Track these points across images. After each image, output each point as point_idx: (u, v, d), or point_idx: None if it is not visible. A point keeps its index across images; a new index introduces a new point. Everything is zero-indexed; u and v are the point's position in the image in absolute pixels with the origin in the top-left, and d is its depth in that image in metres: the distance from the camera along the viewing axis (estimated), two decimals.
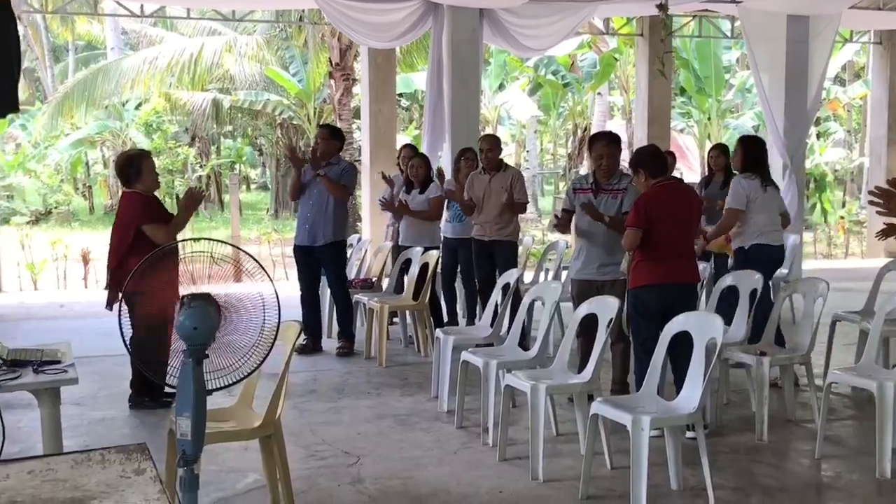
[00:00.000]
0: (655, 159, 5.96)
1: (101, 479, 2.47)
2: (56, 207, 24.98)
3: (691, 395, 4.87)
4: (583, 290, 6.32)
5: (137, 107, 24.78)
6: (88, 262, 14.15)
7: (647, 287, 5.76)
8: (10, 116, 23.99)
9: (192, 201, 6.54)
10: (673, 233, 5.75)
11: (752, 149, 7.36)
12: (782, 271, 9.82)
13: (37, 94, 28.52)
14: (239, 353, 3.52)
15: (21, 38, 13.67)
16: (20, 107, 2.82)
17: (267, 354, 3.53)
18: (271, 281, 3.54)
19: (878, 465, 5.15)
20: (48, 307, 11.14)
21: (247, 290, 3.58)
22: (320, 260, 8.18)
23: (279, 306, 3.62)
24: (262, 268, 3.48)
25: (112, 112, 24.54)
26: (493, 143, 8.34)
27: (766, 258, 7.11)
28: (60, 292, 13.10)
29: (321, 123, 10.86)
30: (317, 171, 7.94)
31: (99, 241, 15.56)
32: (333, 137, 8.28)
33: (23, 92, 27.67)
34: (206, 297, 3.23)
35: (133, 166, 6.46)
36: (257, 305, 3.54)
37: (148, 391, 6.46)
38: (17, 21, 12.39)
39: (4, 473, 2.52)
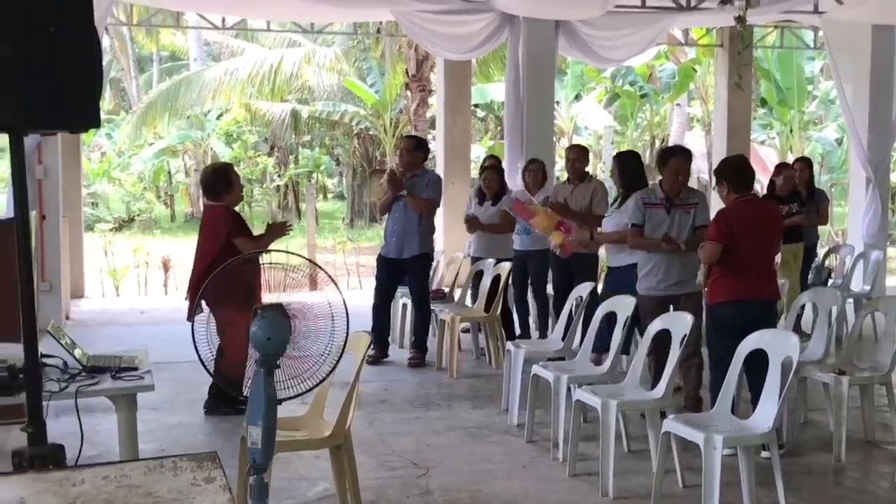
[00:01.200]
0: (741, 173, 5.87)
1: (173, 486, 2.52)
2: (139, 215, 25.56)
3: (766, 413, 4.79)
4: (655, 306, 6.25)
5: (218, 117, 25.24)
6: (169, 269, 14.43)
7: (727, 304, 5.68)
8: None
9: (279, 231, 6.64)
10: (754, 249, 5.66)
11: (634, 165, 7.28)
12: (864, 287, 9.62)
13: (122, 104, 29.25)
14: (309, 361, 3.57)
15: (107, 49, 13.96)
16: (103, 119, 2.90)
17: (336, 364, 3.57)
18: (339, 291, 3.57)
19: None
20: (129, 313, 11.39)
21: (316, 300, 3.63)
22: (406, 272, 8.24)
23: (347, 316, 3.66)
24: (332, 278, 3.51)
25: (194, 122, 25.05)
26: (580, 153, 8.34)
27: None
28: (141, 298, 13.39)
29: (406, 135, 10.91)
30: (399, 193, 8.00)
31: (179, 248, 15.91)
32: (418, 149, 8.36)
33: (109, 102, 28.52)
34: (279, 308, 3.27)
35: (223, 179, 6.56)
36: (326, 314, 3.58)
37: (225, 398, 6.56)
38: (105, 33, 12.60)
39: (80, 478, 2.59)
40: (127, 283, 14.57)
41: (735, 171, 5.89)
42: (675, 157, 6.48)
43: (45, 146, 9.33)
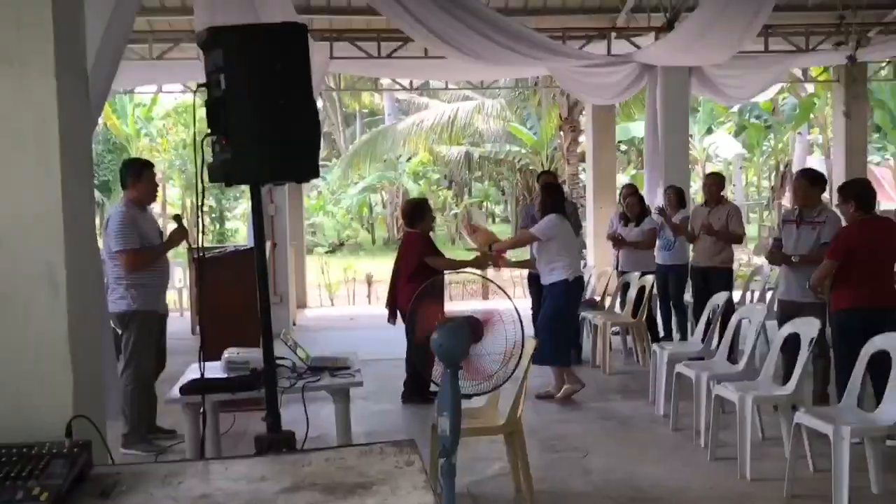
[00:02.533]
0: (866, 194, 5.53)
1: (381, 469, 2.57)
2: (347, 240, 26.44)
3: (891, 407, 4.45)
4: (786, 310, 5.94)
5: (408, 160, 25.83)
6: (372, 284, 14.85)
7: (849, 310, 5.33)
8: None
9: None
10: (873, 262, 5.31)
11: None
12: None
13: (332, 152, 30.36)
14: (494, 362, 3.56)
15: (320, 109, 14.45)
16: (319, 173, 3.01)
17: (517, 365, 3.53)
18: (513, 303, 3.55)
19: None
20: (341, 319, 11.77)
21: (497, 308, 3.63)
22: None
23: (522, 323, 3.64)
24: (508, 296, 3.49)
25: (389, 165, 25.72)
26: (717, 179, 8.11)
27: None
28: (350, 307, 13.81)
29: (546, 170, 10.86)
30: None
31: (380, 266, 16.33)
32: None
33: (322, 150, 29.63)
34: (460, 319, 3.27)
35: (418, 211, 6.75)
36: (508, 320, 3.56)
37: (417, 390, 6.67)
38: (319, 97, 13.09)
39: (308, 460, 2.67)
40: (339, 295, 15.07)
41: (861, 191, 5.55)
42: (796, 180, 6.21)
43: (275, 190, 9.78)
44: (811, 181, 6.02)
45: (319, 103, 25.98)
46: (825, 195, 7.57)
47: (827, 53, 10.73)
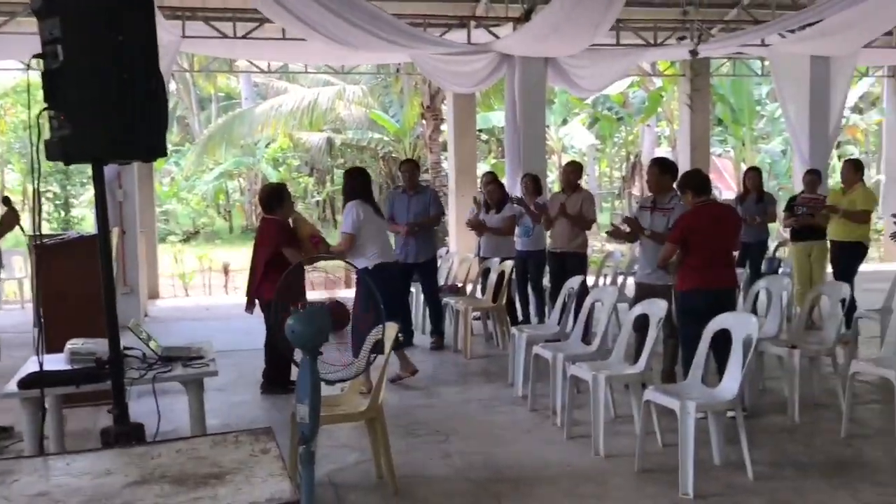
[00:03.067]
0: (699, 182, 5.80)
1: (235, 458, 2.49)
2: (203, 228, 25.59)
3: (731, 382, 4.73)
4: (640, 292, 6.22)
5: (267, 145, 25.24)
6: (228, 273, 14.45)
7: (691, 291, 5.61)
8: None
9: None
10: (713, 245, 5.58)
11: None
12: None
13: (187, 137, 29.27)
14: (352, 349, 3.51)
15: (173, 92, 13.94)
16: (168, 150, 2.86)
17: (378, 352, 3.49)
18: (374, 291, 3.52)
19: None
20: (196, 310, 11.37)
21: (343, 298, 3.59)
22: (418, 273, 8.21)
23: (379, 310, 3.61)
24: (362, 277, 3.45)
25: (246, 150, 25.06)
26: (574, 167, 8.34)
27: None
28: (206, 298, 13.38)
29: (407, 159, 10.85)
30: (411, 232, 7.98)
31: (237, 255, 15.90)
32: (417, 169, 8.40)
33: (176, 135, 28.51)
34: (318, 305, 3.21)
35: (276, 197, 6.51)
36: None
37: (278, 381, 6.52)
38: (171, 79, 12.59)
39: (158, 452, 2.56)
40: (194, 286, 14.59)
41: (694, 180, 5.82)
42: (649, 168, 6.49)
43: (123, 174, 9.31)
44: (661, 169, 6.30)
45: (172, 86, 25.03)
46: None
47: (673, 48, 11.26)
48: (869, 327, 7.27)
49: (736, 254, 8.62)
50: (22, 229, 5.15)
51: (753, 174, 9.51)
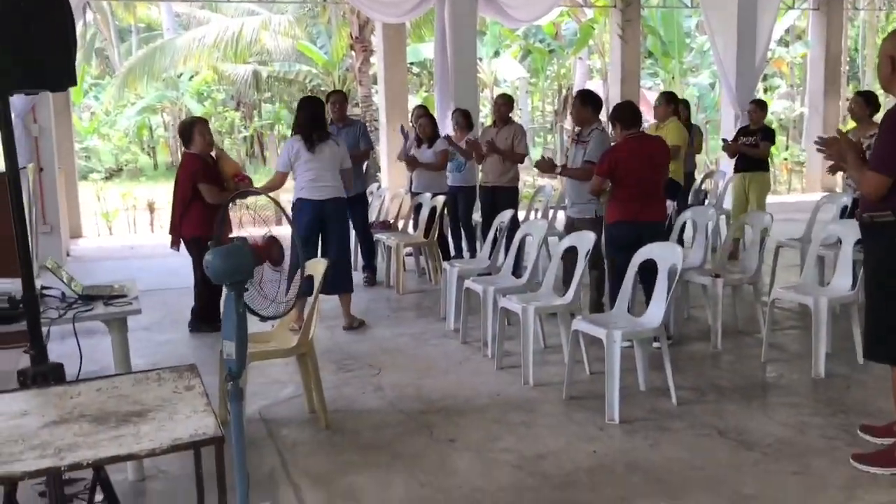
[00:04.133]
0: (628, 114, 5.82)
1: (158, 395, 2.46)
2: (126, 165, 24.81)
3: (656, 311, 4.85)
4: (567, 225, 6.31)
5: (190, 78, 24.44)
6: (153, 211, 14.12)
7: (618, 223, 5.69)
8: (85, 89, 23.75)
9: None
10: (639, 177, 5.63)
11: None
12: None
13: (107, 70, 28.14)
14: (279, 286, 3.45)
15: (91, 22, 13.41)
16: (85, 79, 2.72)
17: (297, 290, 3.44)
18: (293, 227, 3.46)
19: (814, 368, 5.15)
20: (121, 249, 11.10)
21: (282, 234, 3.51)
22: (349, 208, 8.12)
23: (292, 249, 3.54)
24: (287, 216, 3.39)
25: (169, 83, 24.23)
26: (506, 100, 8.30)
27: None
28: (131, 236, 13.07)
29: (335, 90, 10.57)
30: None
31: (162, 192, 15.50)
32: (345, 102, 8.19)
33: (95, 68, 27.41)
34: (239, 240, 3.12)
35: (190, 131, 6.35)
36: (288, 247, 3.46)
37: (206, 318, 6.45)
38: (88, 8, 12.05)
39: (77, 391, 2.51)
40: (118, 224, 14.23)
41: (623, 113, 5.84)
42: (573, 100, 6.50)
43: (38, 108, 8.93)
44: (582, 101, 6.34)
45: (90, 16, 23.95)
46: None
47: None
48: (789, 256, 7.53)
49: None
50: None
51: (681, 107, 9.62)
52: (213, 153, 6.44)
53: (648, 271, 5.03)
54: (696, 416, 4.56)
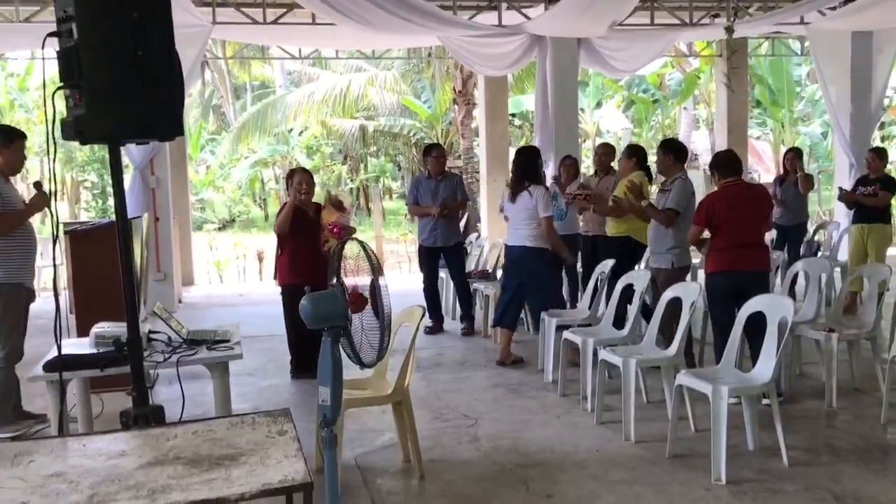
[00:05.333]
0: (726, 163, 5.67)
1: (251, 439, 2.47)
2: (238, 216, 25.77)
3: (766, 367, 4.61)
4: (652, 277, 6.16)
5: (300, 133, 25.31)
6: (262, 260, 14.52)
7: (716, 273, 5.50)
8: (202, 143, 24.89)
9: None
10: (737, 226, 5.44)
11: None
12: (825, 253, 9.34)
13: (223, 126, 29.46)
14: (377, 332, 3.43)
15: (209, 80, 14.02)
16: (207, 139, 2.82)
17: (388, 336, 3.40)
18: (382, 275, 3.39)
19: None
20: (230, 297, 11.44)
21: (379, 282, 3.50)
22: (445, 257, 8.17)
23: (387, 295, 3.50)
24: (374, 264, 3.30)
25: (281, 138, 25.14)
26: (608, 149, 8.26)
27: None
28: (240, 284, 13.46)
29: (434, 143, 10.68)
30: (441, 213, 7.90)
31: (272, 242, 15.97)
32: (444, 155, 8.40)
33: (212, 124, 28.73)
34: (335, 287, 3.14)
35: (287, 180, 6.63)
36: (384, 294, 3.46)
37: (306, 365, 6.53)
38: (206, 67, 12.60)
39: (174, 433, 2.54)
40: (229, 273, 14.69)
41: (720, 161, 5.71)
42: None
43: (156, 160, 9.36)
44: (664, 150, 6.33)
45: (207, 74, 25.19)
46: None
47: (709, 27, 11.03)
48: None
49: (773, 236, 8.49)
50: (52, 214, 5.18)
51: (793, 155, 9.33)
52: (297, 201, 6.42)
53: (756, 325, 4.81)
54: (810, 478, 4.28)
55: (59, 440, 2.62)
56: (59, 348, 3.14)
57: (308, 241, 6.31)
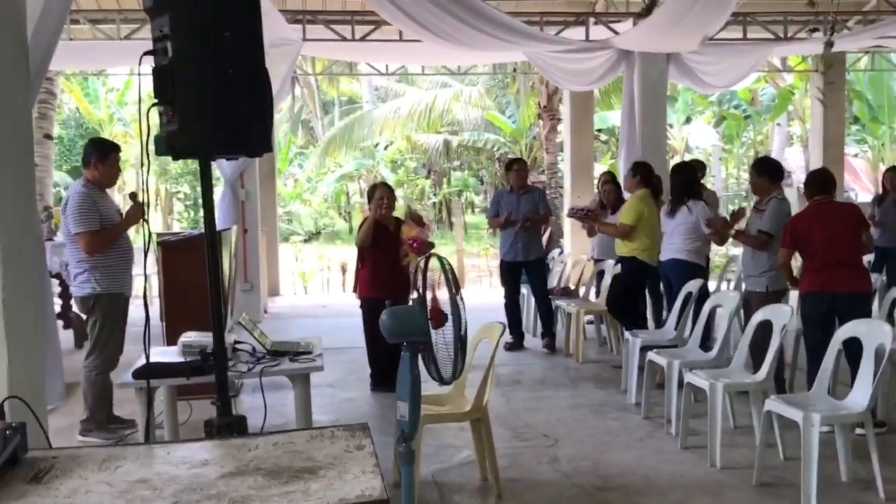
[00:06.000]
0: (816, 180, 5.54)
1: (329, 452, 2.48)
2: (324, 229, 26.24)
3: (861, 394, 4.42)
4: (744, 300, 6.03)
5: (385, 148, 25.65)
6: (346, 272, 14.74)
7: (807, 295, 5.33)
8: (290, 157, 25.47)
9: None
10: (825, 246, 5.26)
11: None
12: None
13: (311, 140, 30.09)
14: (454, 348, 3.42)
15: (298, 96, 14.37)
16: (296, 153, 2.88)
17: (460, 353, 3.38)
18: (456, 290, 3.36)
19: None
20: (314, 308, 11.63)
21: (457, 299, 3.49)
22: (527, 272, 8.13)
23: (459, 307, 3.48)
24: (450, 280, 3.28)
25: (366, 152, 25.53)
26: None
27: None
28: (324, 295, 13.68)
29: (516, 158, 10.72)
30: (523, 226, 7.89)
31: (355, 255, 16.19)
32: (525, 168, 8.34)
33: (300, 138, 29.37)
34: (416, 301, 3.15)
35: (369, 195, 6.73)
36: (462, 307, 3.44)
37: (386, 379, 6.57)
38: (296, 83, 12.90)
39: (255, 444, 2.58)
40: (313, 284, 14.95)
41: (812, 181, 5.58)
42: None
43: (246, 174, 9.61)
44: (757, 171, 6.18)
45: (297, 90, 25.78)
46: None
47: (805, 42, 10.72)
48: None
49: (871, 258, 8.14)
50: (147, 225, 5.37)
51: (893, 174, 8.94)
52: (378, 216, 6.48)
53: (853, 350, 4.61)
54: None
55: (145, 447, 2.70)
56: (147, 356, 3.23)
57: (388, 255, 6.39)
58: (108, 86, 21.56)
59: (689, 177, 6.81)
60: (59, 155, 22.05)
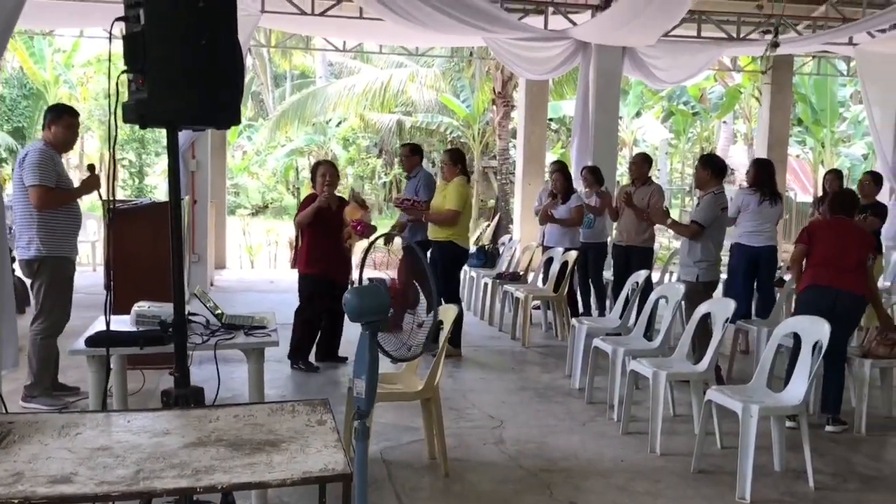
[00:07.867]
0: (843, 201, 5.71)
1: (291, 426, 2.51)
2: (271, 203, 25.97)
3: (798, 388, 4.59)
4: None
5: (338, 125, 25.44)
6: (294, 249, 14.62)
7: (812, 287, 5.42)
8: (239, 129, 25.09)
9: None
10: (836, 251, 5.42)
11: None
12: (886, 283, 9.18)
13: (260, 113, 29.67)
14: (410, 329, 3.46)
15: (249, 67, 14.11)
16: (242, 120, 2.87)
17: (431, 337, 3.43)
18: (430, 274, 3.41)
19: None
20: (261, 282, 11.56)
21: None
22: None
23: (434, 293, 3.55)
24: (424, 265, 3.34)
25: (318, 128, 25.29)
26: (643, 159, 8.17)
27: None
28: (271, 271, 13.58)
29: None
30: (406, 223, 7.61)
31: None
32: (413, 154, 8.11)
33: (250, 110, 28.92)
34: (378, 281, 3.17)
35: (312, 172, 6.76)
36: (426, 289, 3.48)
37: (299, 357, 6.59)
38: (249, 54, 12.66)
39: (216, 416, 2.59)
40: (260, 258, 14.82)
41: (839, 200, 5.72)
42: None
43: (197, 144, 9.46)
44: (702, 164, 6.45)
45: (248, 60, 25.32)
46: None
47: (755, 44, 10.95)
48: None
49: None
50: (99, 195, 5.28)
51: (833, 177, 9.21)
52: (326, 195, 6.44)
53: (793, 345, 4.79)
54: (835, 503, 4.26)
55: (103, 415, 2.68)
56: (108, 324, 3.20)
57: (328, 233, 6.38)
58: (55, 46, 20.93)
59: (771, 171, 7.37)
60: (0, 115, 21.40)
